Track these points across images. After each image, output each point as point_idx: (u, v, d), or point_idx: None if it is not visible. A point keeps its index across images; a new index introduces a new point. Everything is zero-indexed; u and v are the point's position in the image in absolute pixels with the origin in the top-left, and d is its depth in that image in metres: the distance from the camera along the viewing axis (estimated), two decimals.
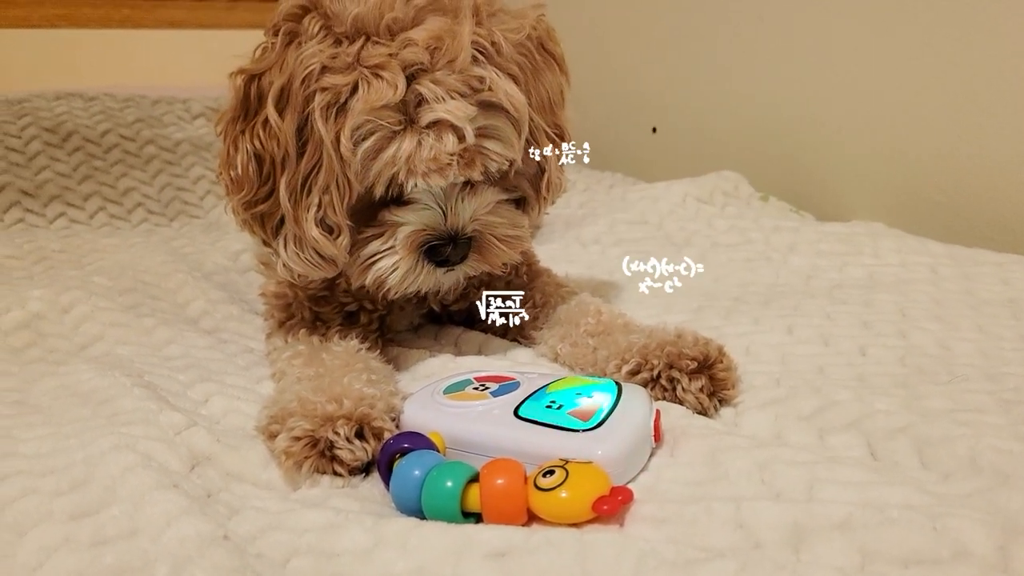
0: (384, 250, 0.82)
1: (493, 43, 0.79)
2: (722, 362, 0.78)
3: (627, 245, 1.31)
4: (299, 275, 0.85)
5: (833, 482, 0.60)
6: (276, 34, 0.81)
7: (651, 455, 0.67)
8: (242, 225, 0.85)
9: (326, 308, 0.93)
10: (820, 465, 0.62)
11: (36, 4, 2.15)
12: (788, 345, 0.89)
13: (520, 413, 0.68)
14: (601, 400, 0.68)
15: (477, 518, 0.60)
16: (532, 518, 0.59)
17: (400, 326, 0.99)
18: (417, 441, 0.66)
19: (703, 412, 0.75)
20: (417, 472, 0.61)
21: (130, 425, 0.72)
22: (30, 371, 0.89)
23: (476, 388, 0.74)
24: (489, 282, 0.95)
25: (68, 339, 0.97)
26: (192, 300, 1.12)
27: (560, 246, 1.37)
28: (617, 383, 0.72)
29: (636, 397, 0.70)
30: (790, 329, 0.92)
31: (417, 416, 0.72)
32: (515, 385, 0.73)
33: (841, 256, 1.18)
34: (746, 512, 0.56)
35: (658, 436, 0.69)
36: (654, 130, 1.98)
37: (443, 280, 0.86)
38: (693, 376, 0.76)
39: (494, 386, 0.74)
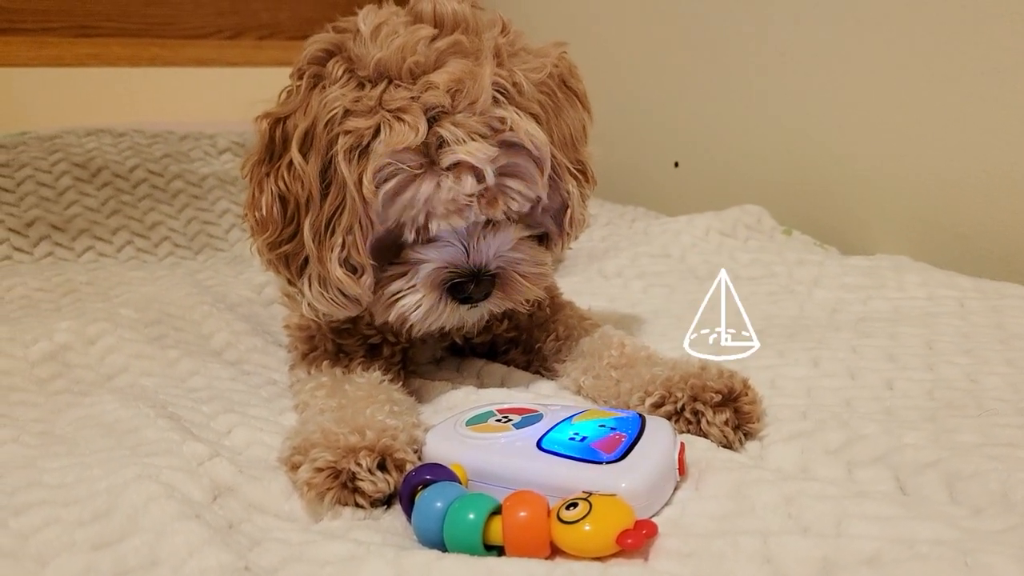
0: (407, 288, 0.82)
1: (515, 83, 0.80)
2: (747, 395, 0.77)
3: (650, 278, 1.31)
4: (324, 314, 0.86)
5: (862, 517, 0.59)
6: (301, 77, 0.82)
7: (676, 489, 0.67)
8: (267, 265, 0.86)
9: (349, 340, 0.94)
10: (848, 500, 0.61)
11: (68, 44, 2.19)
12: (814, 378, 0.88)
13: (543, 445, 0.67)
14: (625, 432, 0.68)
15: (499, 551, 0.59)
16: (555, 552, 0.58)
17: (422, 359, 0.99)
18: (439, 473, 0.66)
19: (728, 445, 0.75)
20: (439, 504, 0.61)
21: (153, 456, 0.72)
22: (55, 402, 0.90)
23: (499, 420, 0.74)
24: (512, 315, 0.95)
25: (94, 370, 0.98)
26: (216, 332, 1.12)
27: (582, 279, 1.37)
28: (641, 415, 0.71)
29: (660, 429, 0.70)
30: (816, 362, 0.91)
31: (439, 448, 0.72)
32: (538, 417, 0.73)
33: (866, 289, 1.17)
34: (773, 547, 0.55)
35: (683, 469, 0.68)
36: (676, 164, 1.98)
37: (467, 317, 0.86)
38: (718, 409, 0.76)
39: (517, 418, 0.73)
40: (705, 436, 0.75)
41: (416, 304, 0.82)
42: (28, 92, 2.10)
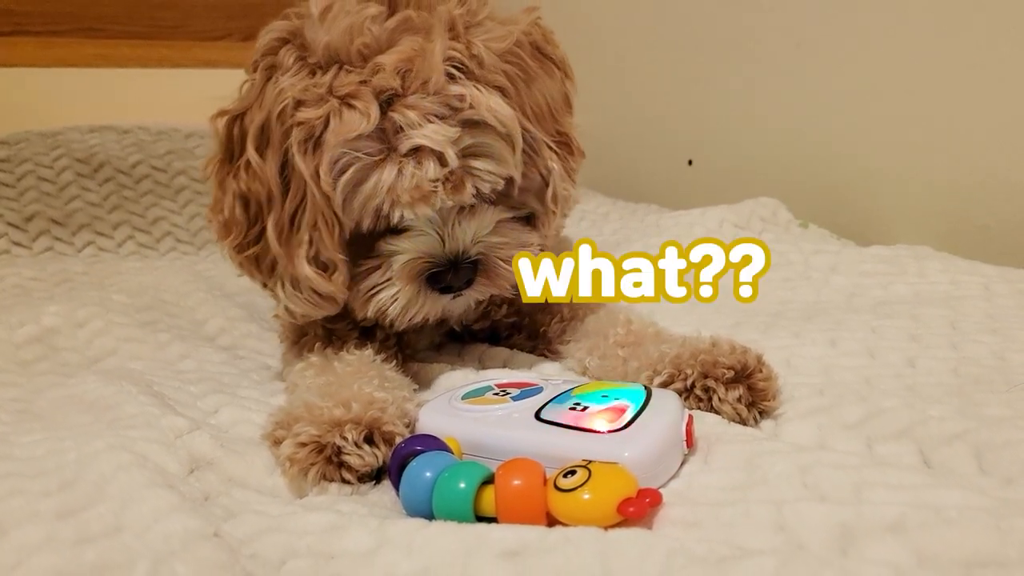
0: (382, 282, 0.78)
1: (473, 56, 0.75)
2: (761, 371, 0.72)
3: None
4: (301, 316, 0.82)
5: (884, 485, 0.54)
6: (256, 70, 0.78)
7: (683, 463, 0.62)
8: (239, 269, 0.82)
9: (340, 324, 0.89)
10: (868, 468, 0.56)
11: (76, 45, 2.18)
12: (831, 358, 0.83)
13: (541, 416, 0.63)
14: (629, 403, 0.63)
15: (492, 523, 0.55)
16: (552, 523, 0.54)
17: (420, 345, 0.95)
18: (430, 444, 0.62)
19: (742, 423, 0.70)
20: (428, 474, 0.57)
21: (130, 429, 0.69)
22: (37, 382, 0.87)
23: (496, 394, 0.70)
24: (512, 300, 0.91)
25: (80, 353, 0.95)
26: (210, 318, 1.09)
27: None
28: (647, 387, 0.67)
29: (667, 401, 0.65)
30: (833, 342, 0.86)
31: (433, 422, 0.68)
32: (538, 390, 0.69)
33: (886, 276, 1.12)
34: (788, 514, 0.51)
35: (690, 442, 0.63)
36: (690, 162, 1.94)
37: (450, 307, 0.82)
38: (730, 386, 0.71)
39: (515, 391, 0.69)
40: (717, 414, 0.71)
41: (393, 298, 0.78)
42: (35, 93, 2.08)
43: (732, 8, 1.76)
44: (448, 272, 0.78)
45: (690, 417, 0.64)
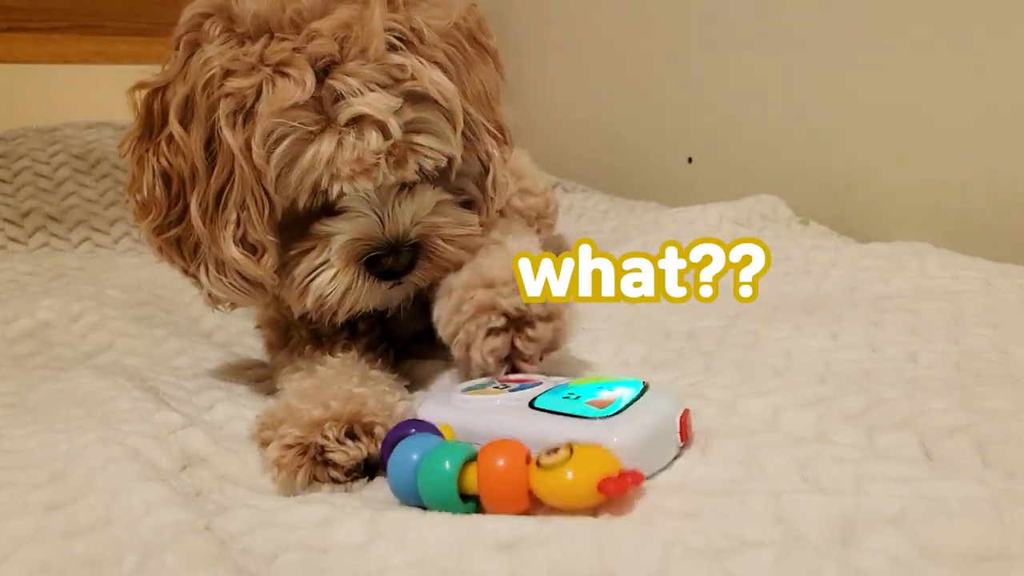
0: (319, 265, 0.74)
1: (412, 28, 0.72)
2: (535, 326, 0.71)
3: None
4: (228, 305, 0.79)
5: (883, 478, 0.53)
6: (178, 47, 0.74)
7: (677, 456, 0.61)
8: (158, 254, 0.79)
9: (319, 324, 0.87)
10: (868, 462, 0.55)
11: (74, 41, 2.17)
12: (832, 350, 0.82)
13: (535, 404, 0.63)
14: (623, 393, 0.63)
15: (476, 501, 0.54)
16: (534, 502, 0.53)
17: (405, 331, 0.93)
18: (422, 428, 0.61)
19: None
20: (415, 455, 0.56)
21: (123, 423, 0.68)
22: (30, 376, 0.86)
23: (497, 387, 0.69)
24: None
25: (74, 347, 0.94)
26: (206, 314, 1.09)
27: None
28: (644, 381, 0.66)
29: (662, 393, 0.64)
30: (834, 335, 0.85)
31: (431, 411, 0.68)
32: (537, 383, 0.68)
33: (885, 271, 1.11)
34: (787, 506, 0.50)
35: (685, 436, 0.62)
36: (690, 160, 1.93)
37: (391, 296, 0.79)
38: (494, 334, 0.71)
39: (515, 384, 0.69)
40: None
41: (332, 282, 0.74)
42: (33, 89, 2.08)
43: (732, 5, 1.75)
44: (388, 255, 0.75)
45: (686, 411, 0.63)
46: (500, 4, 0.71)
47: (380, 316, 0.86)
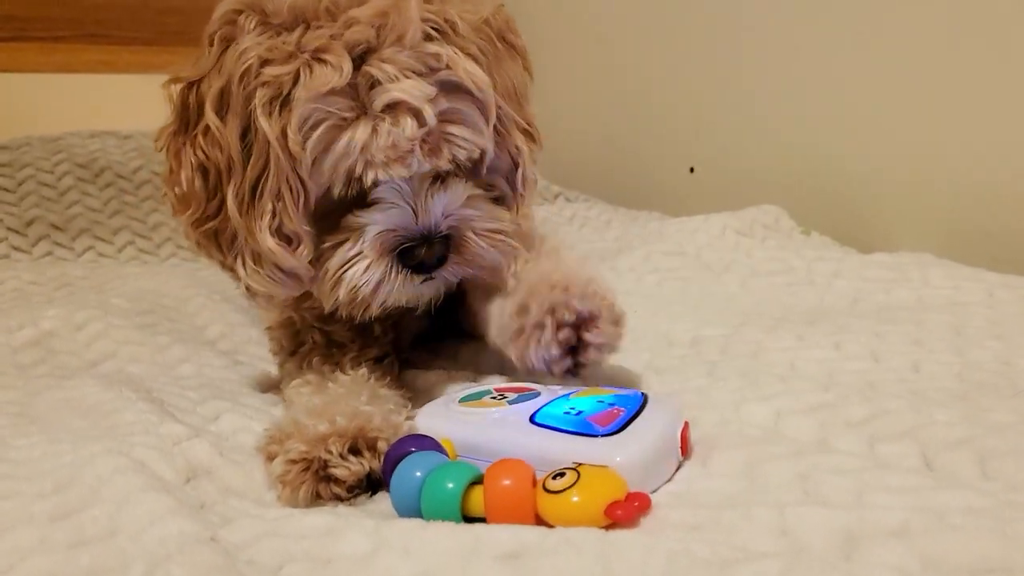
0: (352, 256, 0.74)
1: (447, 20, 0.73)
2: (598, 326, 0.71)
3: (664, 273, 1.26)
4: (266, 297, 0.79)
5: (884, 489, 0.53)
6: (212, 42, 0.74)
7: (679, 468, 0.61)
8: (196, 248, 0.79)
9: (336, 326, 0.87)
10: (868, 472, 0.56)
11: (78, 50, 2.17)
12: (835, 361, 0.83)
13: (536, 419, 0.62)
14: (624, 408, 0.63)
15: (487, 525, 0.54)
16: (540, 525, 0.53)
17: (408, 333, 0.93)
18: (424, 444, 0.61)
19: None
20: (418, 473, 0.56)
21: (128, 436, 0.68)
22: (34, 385, 0.86)
23: (494, 397, 0.69)
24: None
25: (79, 356, 0.94)
26: (211, 323, 1.09)
27: None
28: (643, 393, 0.66)
29: (663, 406, 0.64)
30: (837, 345, 0.86)
31: (429, 424, 0.67)
32: (535, 395, 0.68)
33: (888, 282, 1.11)
34: (790, 518, 0.50)
35: (685, 449, 0.62)
36: (692, 170, 1.93)
37: (423, 291, 0.78)
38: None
39: (513, 395, 0.69)
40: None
41: (365, 273, 0.74)
42: (37, 98, 2.08)
43: (734, 16, 1.76)
44: (421, 246, 0.74)
45: (686, 424, 0.63)
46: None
47: (396, 320, 0.87)
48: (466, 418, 0.66)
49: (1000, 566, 0.45)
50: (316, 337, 0.88)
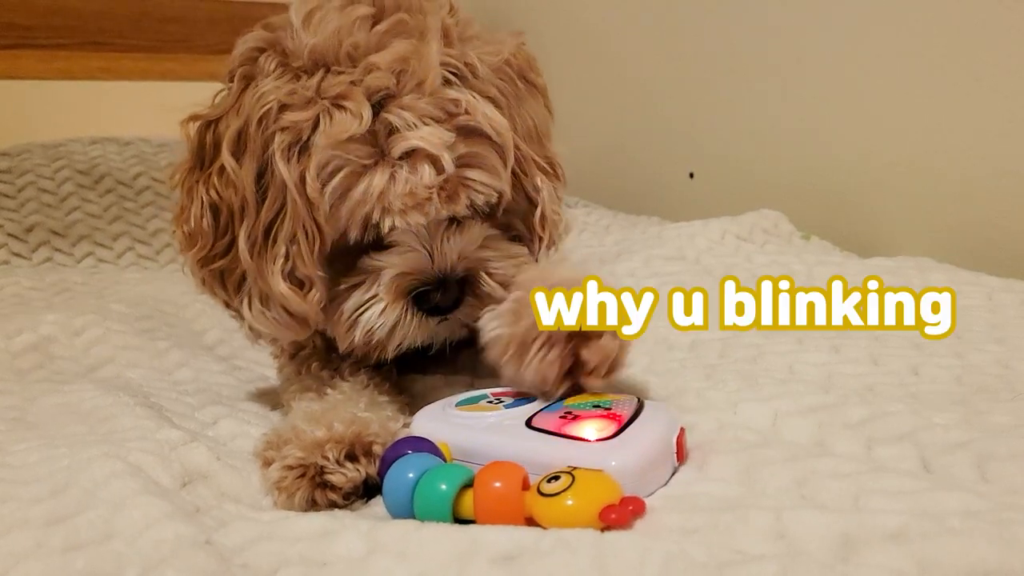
0: (368, 299, 0.74)
1: (467, 64, 0.73)
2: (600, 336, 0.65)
3: (663, 277, 1.26)
4: (269, 339, 0.79)
5: (882, 492, 0.53)
6: (232, 79, 0.75)
7: (674, 472, 0.61)
8: (200, 286, 0.79)
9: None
10: (866, 475, 0.55)
11: (79, 57, 2.18)
12: (834, 364, 0.82)
13: (532, 423, 0.62)
14: (619, 413, 0.63)
15: (482, 527, 0.54)
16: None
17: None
18: (420, 446, 0.61)
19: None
20: (411, 475, 0.56)
21: (125, 441, 0.68)
22: (32, 390, 0.86)
23: (490, 402, 0.69)
24: None
25: (77, 361, 0.95)
26: (209, 328, 1.09)
27: None
28: (639, 399, 0.66)
29: (658, 412, 0.64)
30: (836, 349, 0.86)
31: (426, 427, 0.67)
32: (531, 399, 0.68)
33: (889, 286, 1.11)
34: (788, 521, 0.50)
35: (681, 455, 0.62)
36: (691, 175, 1.93)
37: (439, 332, 0.77)
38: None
39: (509, 400, 0.69)
40: None
41: (380, 315, 0.73)
42: (38, 105, 2.09)
43: (733, 22, 1.76)
44: (437, 290, 0.74)
45: (682, 430, 0.63)
46: (501, 23, 0.72)
47: None
48: (462, 422, 0.65)
49: (998, 569, 0.44)
50: (316, 341, 0.88)
